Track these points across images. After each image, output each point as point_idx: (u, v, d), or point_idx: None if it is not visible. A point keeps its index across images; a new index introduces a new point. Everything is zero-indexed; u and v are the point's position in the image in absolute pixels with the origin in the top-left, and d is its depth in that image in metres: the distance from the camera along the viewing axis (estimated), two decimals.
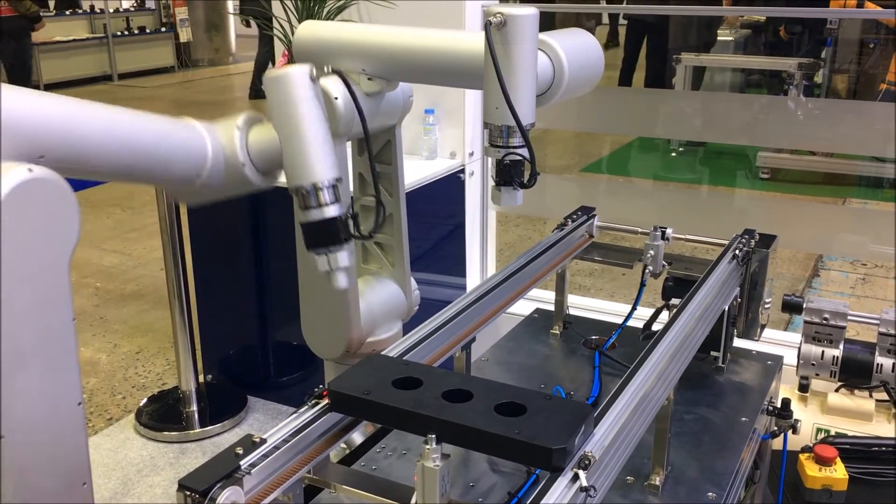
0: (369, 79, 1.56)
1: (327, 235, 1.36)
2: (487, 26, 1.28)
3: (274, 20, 2.95)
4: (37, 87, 10.75)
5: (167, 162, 1.36)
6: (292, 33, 2.80)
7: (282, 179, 1.46)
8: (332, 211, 1.35)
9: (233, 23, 13.17)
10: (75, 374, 1.08)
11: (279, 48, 3.16)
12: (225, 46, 13.27)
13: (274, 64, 4.19)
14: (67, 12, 12.09)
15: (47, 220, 1.03)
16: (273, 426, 1.09)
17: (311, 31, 1.64)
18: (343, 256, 1.38)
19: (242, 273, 3.26)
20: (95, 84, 11.57)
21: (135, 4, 13.04)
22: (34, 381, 1.03)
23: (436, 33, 1.52)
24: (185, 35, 12.30)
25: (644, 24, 7.78)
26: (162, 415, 3.24)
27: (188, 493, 0.95)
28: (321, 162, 1.34)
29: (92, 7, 12.19)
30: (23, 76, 8.04)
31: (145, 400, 3.36)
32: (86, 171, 1.24)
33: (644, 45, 7.83)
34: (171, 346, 3.37)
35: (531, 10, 1.29)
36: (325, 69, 1.61)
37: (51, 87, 10.97)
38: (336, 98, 1.51)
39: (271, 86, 1.36)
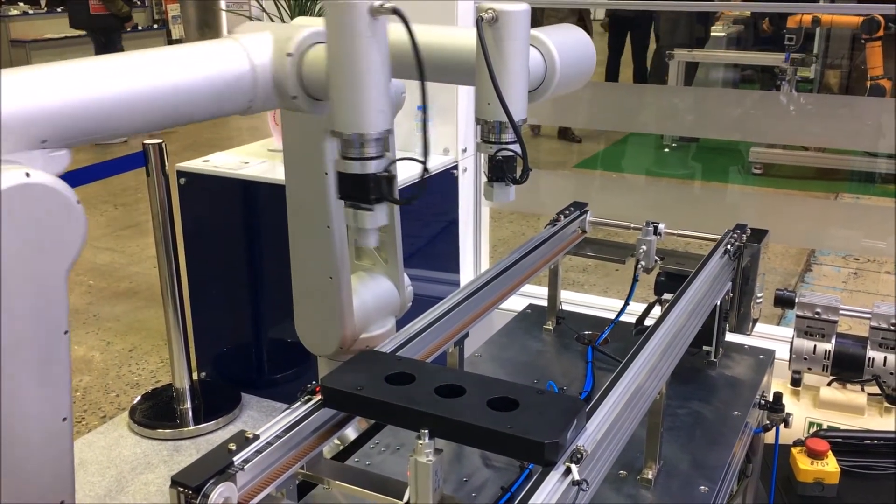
0: None
1: (360, 191, 1.23)
2: (479, 22, 1.28)
3: (266, 16, 2.95)
4: None
5: (203, 110, 1.24)
6: None
7: None
8: (371, 167, 1.21)
9: (225, 20, 13.13)
10: (63, 388, 1.03)
11: None
12: None
13: None
14: (59, 9, 12.04)
15: (44, 229, 0.98)
16: (267, 423, 1.09)
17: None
18: (370, 217, 1.25)
19: (236, 270, 3.26)
20: None
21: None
22: (17, 392, 0.99)
23: (427, 29, 1.51)
24: (176, 32, 12.26)
25: (626, 21, 7.81)
26: (156, 412, 3.24)
27: (181, 489, 0.95)
28: (373, 110, 1.20)
29: None
30: None
31: (139, 398, 3.36)
32: (107, 136, 1.17)
33: (629, 42, 7.88)
34: (165, 343, 3.36)
35: (523, 6, 1.29)
36: None
37: None
38: None
39: (330, 12, 1.18)
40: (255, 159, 3.13)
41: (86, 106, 1.09)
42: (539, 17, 4.99)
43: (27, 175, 0.96)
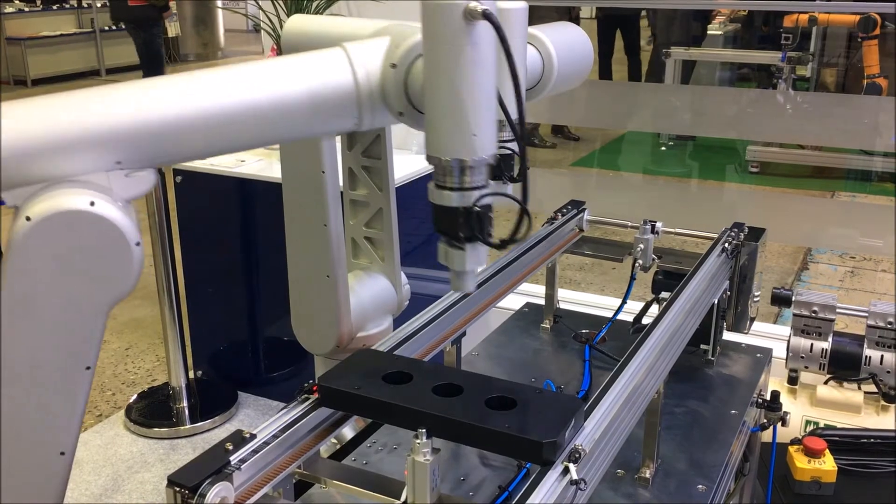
0: None
1: (451, 226, 1.09)
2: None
3: (262, 14, 2.94)
4: (24, 82, 10.70)
5: (300, 128, 1.13)
6: (281, 27, 2.79)
7: None
8: (465, 199, 1.05)
9: (221, 17, 13.12)
10: (69, 423, 0.99)
11: (268, 42, 3.15)
12: (213, 41, 13.22)
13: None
14: (55, 7, 12.02)
15: (92, 262, 0.94)
16: (264, 422, 1.08)
17: (299, 25, 1.63)
18: (462, 258, 1.09)
19: (232, 268, 3.26)
20: (83, 79, 11.50)
21: None
22: (16, 415, 0.97)
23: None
24: (173, 29, 12.21)
25: (616, 19, 7.83)
26: (152, 411, 3.23)
27: (178, 489, 0.94)
28: (482, 132, 1.03)
29: (79, 2, 12.12)
30: (154, 63, 8.22)
31: (135, 396, 3.35)
32: (189, 157, 1.09)
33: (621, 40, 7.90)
34: (161, 342, 3.36)
35: (521, 4, 1.28)
36: None
37: (38, 82, 10.92)
38: None
39: (423, 15, 1.04)
40: (252, 157, 3.12)
41: (163, 125, 1.01)
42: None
43: (91, 203, 0.92)
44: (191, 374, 3.35)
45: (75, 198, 0.92)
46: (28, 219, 0.91)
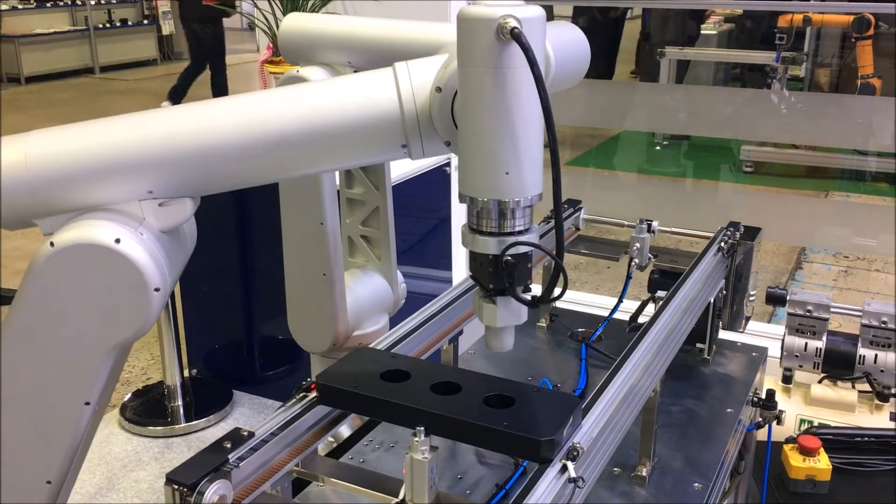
0: (355, 71, 1.55)
1: (480, 275, 0.98)
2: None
3: (258, 13, 2.94)
4: (18, 80, 10.66)
5: (342, 156, 1.04)
6: (277, 26, 2.78)
7: None
8: (494, 246, 0.95)
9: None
10: (60, 454, 0.99)
11: (263, 41, 3.15)
12: None
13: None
14: (48, 4, 11.98)
15: (105, 300, 0.92)
16: (259, 421, 1.08)
17: (296, 23, 1.63)
18: (492, 314, 0.98)
19: (228, 266, 3.25)
20: (77, 77, 11.48)
21: None
22: (12, 435, 0.96)
23: (422, 25, 1.51)
24: (167, 28, 12.21)
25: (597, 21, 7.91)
26: (147, 409, 3.23)
27: (176, 486, 0.94)
28: (517, 171, 0.91)
29: None
30: (221, 56, 8.53)
31: (130, 395, 3.34)
32: (224, 187, 1.03)
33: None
34: (156, 340, 3.35)
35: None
36: None
37: (32, 79, 10.89)
38: None
39: (461, 31, 0.91)
40: None
41: (194, 154, 0.97)
42: None
43: (117, 241, 0.90)
44: (186, 373, 3.34)
45: (102, 231, 0.91)
46: (52, 244, 0.91)
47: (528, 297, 0.97)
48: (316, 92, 1.03)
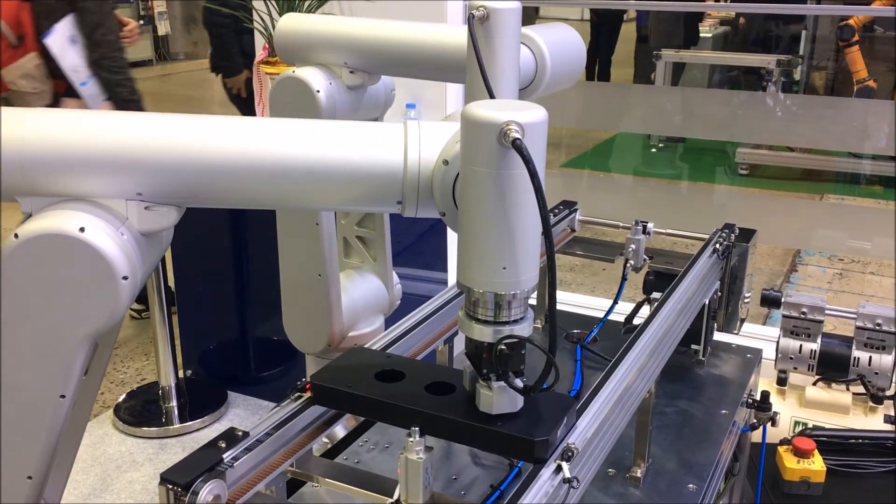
0: (351, 72, 1.56)
1: (475, 360, 1.00)
2: (471, 20, 1.27)
3: (254, 13, 2.93)
4: None
5: (336, 198, 1.04)
6: (273, 27, 2.78)
7: None
8: (486, 334, 0.97)
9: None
10: (40, 447, 0.98)
11: (259, 41, 3.15)
12: (204, 40, 13.15)
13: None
14: None
15: (72, 290, 0.91)
16: (253, 422, 1.08)
17: (292, 24, 1.63)
18: (489, 401, 0.99)
19: (223, 267, 3.25)
20: None
21: None
22: None
23: (418, 26, 1.52)
24: (163, 28, 12.22)
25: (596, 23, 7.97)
26: (141, 410, 3.22)
27: (170, 486, 0.94)
28: (513, 266, 0.92)
29: None
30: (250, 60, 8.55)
31: (124, 395, 3.33)
32: (216, 203, 1.02)
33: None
34: (151, 341, 3.34)
35: (514, 4, 1.28)
36: None
37: None
38: (318, 91, 1.50)
39: (465, 127, 0.90)
40: None
41: (189, 166, 0.96)
42: None
43: (81, 229, 0.90)
44: (180, 374, 3.34)
45: (66, 221, 0.90)
46: (16, 236, 0.90)
47: (520, 384, 1.00)
48: (323, 130, 1.02)
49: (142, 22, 12.45)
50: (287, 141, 0.99)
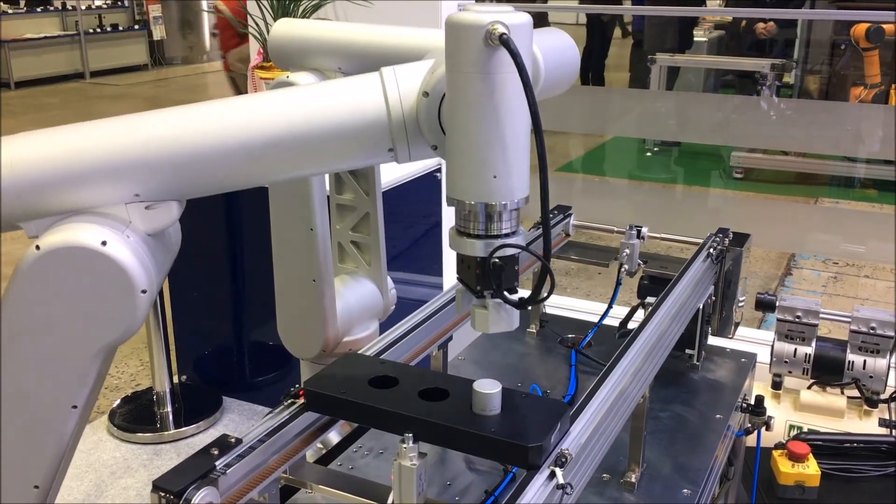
0: (344, 76, 1.55)
1: (467, 278, 0.99)
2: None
3: (249, 18, 2.93)
4: (7, 84, 10.63)
5: (330, 159, 1.05)
6: (267, 31, 2.78)
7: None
8: (481, 249, 0.96)
9: (207, 21, 13.08)
10: (47, 457, 0.98)
11: (254, 46, 3.14)
12: (199, 44, 13.18)
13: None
14: (38, 9, 11.95)
15: (91, 303, 0.91)
16: (249, 427, 1.08)
17: (286, 29, 1.63)
18: (484, 319, 0.99)
19: (217, 272, 3.24)
20: (67, 82, 11.44)
21: (107, 1, 12.91)
22: (1, 446, 0.96)
23: (412, 31, 1.51)
24: (158, 32, 12.20)
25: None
26: (136, 416, 3.21)
27: (162, 493, 0.94)
28: (504, 174, 0.92)
29: (64, 4, 12.05)
30: None
31: (118, 401, 3.32)
32: (213, 190, 1.03)
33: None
34: (145, 346, 3.33)
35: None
36: None
37: (22, 84, 10.86)
38: None
39: (450, 36, 0.92)
40: None
41: (181, 157, 0.97)
42: None
43: (103, 243, 0.90)
44: (175, 379, 3.33)
45: (88, 234, 0.91)
46: (38, 248, 0.91)
47: (515, 298, 0.98)
48: (303, 96, 1.04)
49: (137, 27, 12.46)
50: (271, 113, 1.00)
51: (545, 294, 0.97)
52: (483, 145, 0.91)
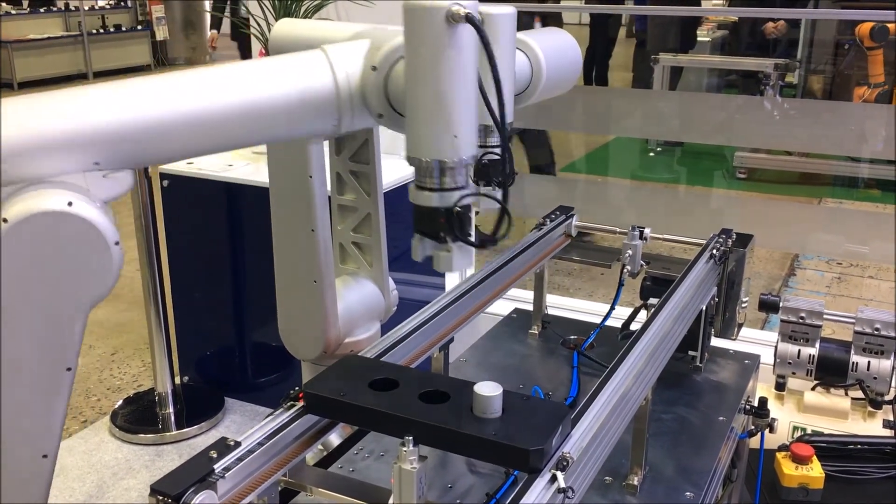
0: None
1: (432, 227, 1.12)
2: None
3: (250, 18, 2.93)
4: (10, 85, 10.64)
5: (279, 130, 1.14)
6: (269, 31, 2.78)
7: None
8: (451, 199, 1.08)
9: (209, 21, 13.10)
10: (51, 425, 0.99)
11: (256, 46, 3.14)
12: (202, 45, 13.18)
13: None
14: (42, 10, 11.96)
15: (70, 264, 0.93)
16: (250, 428, 1.07)
17: (287, 29, 1.62)
18: (448, 261, 1.11)
19: (219, 273, 3.24)
20: (70, 82, 11.45)
21: (110, 2, 12.92)
22: (3, 416, 0.96)
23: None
24: (161, 33, 12.17)
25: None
26: (137, 417, 3.21)
27: (160, 497, 0.93)
28: (462, 134, 1.05)
29: (67, 4, 12.07)
30: None
31: (120, 402, 3.32)
32: (168, 159, 1.09)
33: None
34: (147, 347, 3.33)
35: (509, 9, 1.27)
36: None
37: (25, 85, 10.87)
38: None
39: (405, 19, 1.04)
40: (240, 161, 3.11)
41: (141, 126, 1.01)
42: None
43: (69, 204, 0.92)
44: (177, 380, 3.33)
45: (53, 198, 0.91)
46: (5, 220, 0.90)
47: (474, 240, 1.10)
48: (254, 70, 1.12)
49: (140, 27, 12.47)
50: (226, 86, 1.07)
51: (502, 231, 1.10)
52: (448, 110, 1.04)
